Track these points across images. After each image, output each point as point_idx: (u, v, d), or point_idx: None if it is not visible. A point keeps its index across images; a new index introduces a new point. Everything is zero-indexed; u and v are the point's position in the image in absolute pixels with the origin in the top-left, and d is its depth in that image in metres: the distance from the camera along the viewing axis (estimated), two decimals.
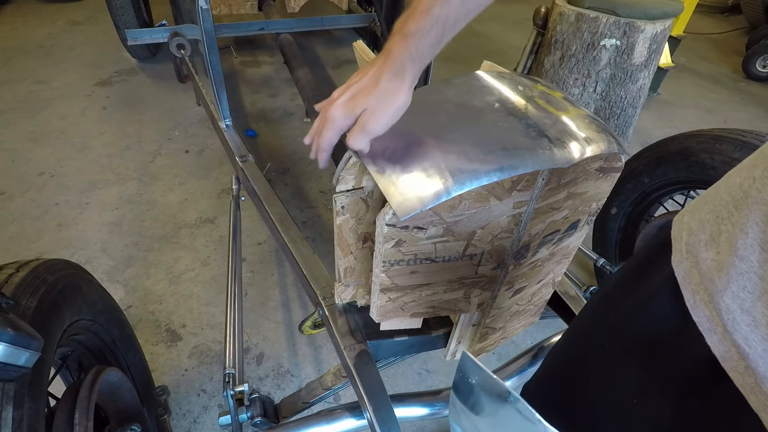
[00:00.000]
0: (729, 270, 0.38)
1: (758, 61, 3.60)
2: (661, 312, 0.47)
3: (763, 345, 0.35)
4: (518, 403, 0.37)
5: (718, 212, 0.41)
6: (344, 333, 0.83)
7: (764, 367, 0.36)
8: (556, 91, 0.71)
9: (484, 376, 0.40)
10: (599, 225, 1.48)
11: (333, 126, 0.58)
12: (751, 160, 0.41)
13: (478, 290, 0.76)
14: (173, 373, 1.39)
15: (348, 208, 0.68)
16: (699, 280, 0.41)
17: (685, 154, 1.15)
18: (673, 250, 0.46)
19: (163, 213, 1.98)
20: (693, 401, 0.45)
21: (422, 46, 0.52)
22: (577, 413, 0.60)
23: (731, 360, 0.38)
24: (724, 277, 0.38)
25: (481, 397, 0.41)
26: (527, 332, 1.55)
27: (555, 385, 0.67)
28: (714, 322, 0.40)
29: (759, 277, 0.35)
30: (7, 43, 3.31)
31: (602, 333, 0.58)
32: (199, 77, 1.97)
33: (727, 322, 0.38)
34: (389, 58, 0.53)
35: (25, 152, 2.28)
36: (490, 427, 0.41)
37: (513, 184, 0.60)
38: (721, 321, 0.39)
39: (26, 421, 0.56)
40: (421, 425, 1.31)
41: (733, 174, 0.42)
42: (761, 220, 0.35)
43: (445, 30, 0.52)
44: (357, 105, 0.55)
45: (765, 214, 0.35)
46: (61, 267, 0.78)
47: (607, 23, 1.81)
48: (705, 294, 0.40)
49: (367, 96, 0.55)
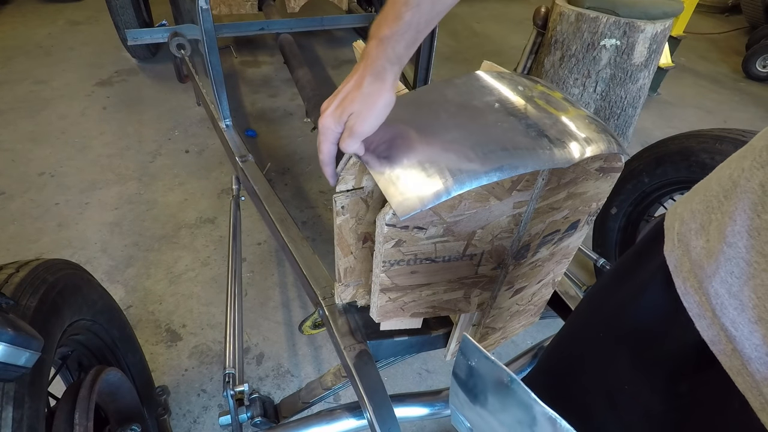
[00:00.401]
0: (718, 256, 0.39)
1: (758, 61, 3.60)
2: (653, 300, 0.49)
3: (749, 327, 0.37)
4: (517, 386, 0.38)
5: (709, 202, 0.43)
6: (344, 333, 0.83)
7: (750, 348, 0.37)
8: (556, 92, 0.71)
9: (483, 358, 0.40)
10: (599, 225, 1.48)
11: (327, 137, 0.60)
12: (741, 153, 0.42)
13: (478, 290, 0.76)
14: (173, 373, 1.39)
15: (348, 208, 0.68)
16: (689, 268, 0.43)
17: (686, 154, 1.15)
18: (665, 239, 0.47)
19: (163, 213, 1.98)
20: (682, 387, 0.46)
21: (398, 49, 0.54)
22: (572, 403, 0.61)
23: (719, 343, 0.40)
24: (713, 264, 0.40)
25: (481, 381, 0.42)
26: (527, 332, 1.55)
27: (551, 377, 0.69)
28: (703, 308, 0.41)
29: (746, 262, 0.37)
30: (7, 43, 3.31)
31: (596, 323, 0.59)
32: (199, 77, 1.97)
33: (716, 306, 0.40)
34: (368, 62, 0.56)
35: (25, 152, 2.28)
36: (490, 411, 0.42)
37: (513, 184, 0.60)
38: (710, 306, 0.40)
39: (26, 421, 0.56)
40: (421, 425, 1.31)
41: (724, 166, 0.44)
42: (749, 207, 0.37)
43: (419, 32, 0.54)
44: (344, 111, 0.57)
45: (753, 202, 0.36)
46: (61, 267, 0.78)
47: (607, 23, 1.81)
48: (695, 280, 0.42)
49: (352, 101, 0.57)
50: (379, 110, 0.56)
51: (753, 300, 0.36)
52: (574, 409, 0.58)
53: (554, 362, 0.70)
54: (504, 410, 0.39)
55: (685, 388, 0.46)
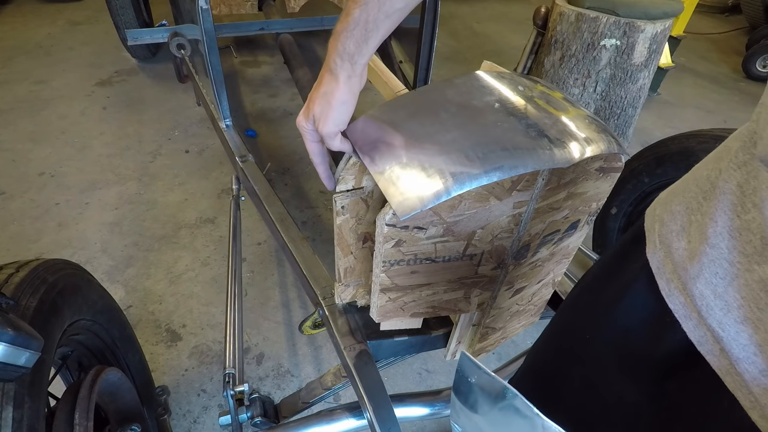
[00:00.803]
0: (701, 258, 0.39)
1: (758, 61, 3.60)
2: (638, 301, 0.49)
3: (735, 328, 0.37)
4: (516, 400, 0.38)
5: (688, 203, 0.43)
6: (344, 333, 0.83)
7: (738, 349, 0.37)
8: (556, 92, 0.71)
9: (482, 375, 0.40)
10: (599, 225, 1.48)
11: (306, 138, 0.63)
12: (717, 153, 0.43)
13: (478, 290, 0.76)
14: (173, 373, 1.39)
15: (348, 208, 0.68)
16: (672, 269, 0.43)
17: (686, 154, 1.15)
18: (646, 241, 0.48)
19: (163, 213, 1.98)
20: (671, 386, 0.47)
21: (348, 45, 0.55)
22: (561, 405, 0.61)
23: (707, 344, 0.40)
24: (696, 265, 0.40)
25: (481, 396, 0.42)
26: (527, 332, 1.55)
27: (539, 379, 0.69)
28: (689, 309, 0.41)
29: (729, 263, 0.37)
30: (7, 43, 3.31)
31: (583, 324, 0.60)
32: (199, 77, 1.97)
33: (701, 307, 0.40)
34: (326, 59, 0.58)
35: (25, 152, 2.28)
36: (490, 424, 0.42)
37: (513, 184, 0.60)
38: (696, 307, 0.40)
39: (26, 421, 0.56)
40: (421, 425, 1.31)
41: (701, 167, 0.44)
42: (729, 209, 0.37)
43: (368, 30, 0.54)
44: (309, 113, 0.60)
45: (732, 203, 0.37)
46: (61, 267, 0.78)
47: (607, 23, 1.80)
48: (679, 282, 0.42)
49: (314, 102, 0.59)
50: (335, 110, 0.58)
51: (738, 300, 0.36)
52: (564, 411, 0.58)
53: (540, 365, 0.70)
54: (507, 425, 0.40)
55: (673, 388, 0.46)
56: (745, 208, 0.35)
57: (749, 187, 0.35)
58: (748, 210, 0.35)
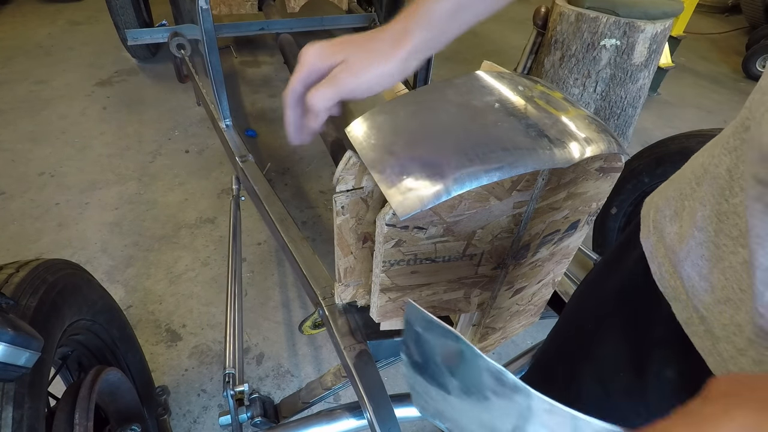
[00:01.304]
0: (689, 241, 0.40)
1: (758, 61, 3.60)
2: (636, 287, 0.50)
3: (718, 308, 0.38)
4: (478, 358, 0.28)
5: (682, 189, 0.44)
6: (344, 333, 0.83)
7: (718, 328, 0.38)
8: (556, 92, 0.71)
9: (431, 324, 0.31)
10: (599, 225, 1.48)
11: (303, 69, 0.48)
12: (714, 141, 0.43)
13: (478, 290, 0.76)
14: (173, 373, 1.39)
15: (348, 208, 0.68)
16: (664, 253, 0.44)
17: (686, 154, 1.14)
18: (641, 227, 0.49)
19: (163, 213, 1.98)
20: (670, 371, 0.47)
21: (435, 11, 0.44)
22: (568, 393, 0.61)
23: (692, 325, 0.41)
24: (685, 248, 0.41)
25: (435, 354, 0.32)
26: (527, 332, 1.55)
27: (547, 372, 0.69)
28: (677, 291, 0.42)
29: (715, 246, 0.37)
30: (7, 43, 3.31)
31: (586, 314, 0.60)
32: (199, 77, 1.96)
33: (689, 289, 0.41)
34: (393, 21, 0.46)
35: (25, 152, 2.28)
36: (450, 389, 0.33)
37: (513, 184, 0.60)
38: (684, 288, 0.41)
39: (26, 421, 0.56)
40: (421, 425, 1.31)
41: (698, 155, 0.45)
42: (717, 192, 0.38)
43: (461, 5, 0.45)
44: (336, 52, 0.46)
45: (720, 187, 0.37)
46: (61, 267, 0.78)
47: (607, 23, 1.80)
48: (669, 265, 0.43)
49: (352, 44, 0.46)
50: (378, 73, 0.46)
51: (721, 281, 0.37)
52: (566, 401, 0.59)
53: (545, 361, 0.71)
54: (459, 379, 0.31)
55: (672, 373, 0.47)
56: (733, 191, 0.36)
57: (738, 171, 0.36)
58: (735, 194, 0.35)
